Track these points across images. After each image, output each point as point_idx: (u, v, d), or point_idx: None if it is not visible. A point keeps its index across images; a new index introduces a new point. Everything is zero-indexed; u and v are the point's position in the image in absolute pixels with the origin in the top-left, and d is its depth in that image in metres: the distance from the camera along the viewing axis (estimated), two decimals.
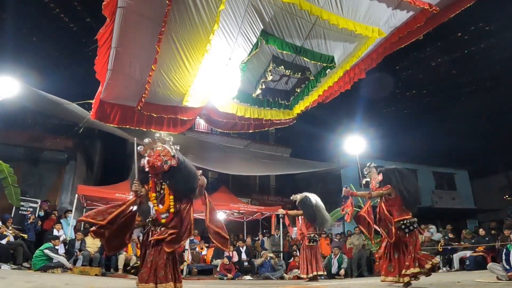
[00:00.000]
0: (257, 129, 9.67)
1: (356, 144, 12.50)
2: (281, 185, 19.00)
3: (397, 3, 5.96)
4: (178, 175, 3.47)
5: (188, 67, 6.47)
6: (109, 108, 7.19)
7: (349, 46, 6.93)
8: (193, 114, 8.20)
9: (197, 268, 10.04)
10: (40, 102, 9.04)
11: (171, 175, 3.45)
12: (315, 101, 8.67)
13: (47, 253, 7.41)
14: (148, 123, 7.75)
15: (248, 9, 5.73)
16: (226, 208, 12.34)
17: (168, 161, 3.44)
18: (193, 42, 6.02)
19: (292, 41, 6.50)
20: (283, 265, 10.25)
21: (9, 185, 9.00)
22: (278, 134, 19.49)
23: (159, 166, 3.37)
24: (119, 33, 5.64)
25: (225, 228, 3.91)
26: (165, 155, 3.45)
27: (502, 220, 11.62)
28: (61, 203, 12.14)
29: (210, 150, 13.50)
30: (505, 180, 20.88)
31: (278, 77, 7.75)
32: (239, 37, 6.26)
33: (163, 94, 7.20)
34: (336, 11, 5.83)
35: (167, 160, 3.43)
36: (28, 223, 8.83)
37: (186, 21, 5.65)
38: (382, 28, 6.42)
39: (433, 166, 20.14)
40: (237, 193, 15.17)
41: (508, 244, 5.89)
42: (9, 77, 8.02)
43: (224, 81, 7.28)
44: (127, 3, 5.20)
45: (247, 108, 8.28)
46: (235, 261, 10.17)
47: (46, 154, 12.35)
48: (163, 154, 3.43)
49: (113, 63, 6.13)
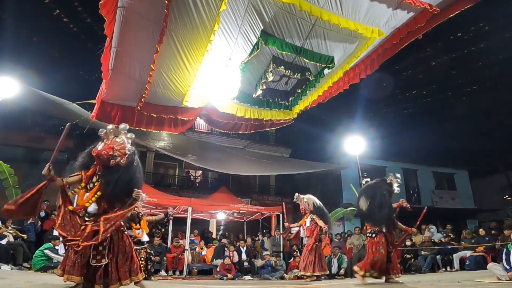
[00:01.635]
0: (257, 130, 9.67)
1: (356, 144, 12.51)
2: (281, 185, 19.00)
3: (398, 4, 5.95)
4: (118, 175, 3.18)
5: (188, 68, 6.48)
6: (110, 108, 7.20)
7: (349, 46, 6.92)
8: (193, 114, 8.21)
9: (197, 268, 10.04)
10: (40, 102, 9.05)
11: (111, 172, 3.19)
12: (315, 101, 8.68)
13: (47, 253, 7.41)
14: (148, 124, 7.76)
15: (248, 9, 5.72)
16: (226, 208, 12.34)
17: (118, 157, 3.18)
18: (193, 42, 6.02)
19: (292, 41, 6.49)
20: (283, 265, 10.25)
21: (10, 186, 9.01)
22: (278, 134, 19.49)
23: (104, 158, 3.13)
24: (119, 33, 5.64)
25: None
26: (119, 149, 3.19)
27: (502, 220, 11.64)
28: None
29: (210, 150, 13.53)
30: (505, 180, 20.87)
31: (278, 77, 7.75)
32: (239, 37, 6.26)
33: (163, 94, 7.20)
34: (336, 12, 5.82)
35: (116, 156, 3.17)
36: (28, 224, 8.83)
37: (186, 21, 5.65)
38: (382, 28, 6.42)
39: (433, 166, 20.14)
40: (237, 193, 15.19)
41: (509, 244, 5.89)
42: (9, 78, 8.03)
43: (224, 82, 7.28)
44: (127, 3, 5.20)
45: (247, 109, 8.28)
46: (235, 261, 10.17)
47: (46, 155, 12.35)
48: (117, 149, 3.18)
49: (113, 63, 6.14)
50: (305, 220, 7.92)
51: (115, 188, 3.17)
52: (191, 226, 10.36)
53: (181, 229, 11.66)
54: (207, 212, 12.62)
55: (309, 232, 7.74)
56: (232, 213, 13.04)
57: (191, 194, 14.85)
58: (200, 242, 11.39)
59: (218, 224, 15.89)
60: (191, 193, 15.39)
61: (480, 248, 9.60)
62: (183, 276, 9.22)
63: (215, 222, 15.41)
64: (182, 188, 16.17)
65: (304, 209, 7.91)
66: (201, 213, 12.57)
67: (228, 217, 13.65)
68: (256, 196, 17.69)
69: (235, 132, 10.21)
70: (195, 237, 11.72)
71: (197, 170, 17.50)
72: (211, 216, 13.63)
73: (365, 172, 17.43)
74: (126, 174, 3.22)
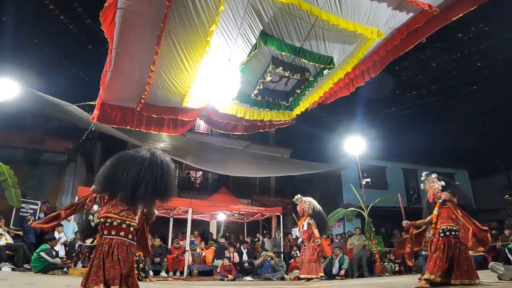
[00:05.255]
0: (257, 130, 9.67)
1: (356, 145, 12.50)
2: (281, 186, 18.99)
3: (398, 4, 5.95)
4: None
5: (188, 68, 6.47)
6: (110, 109, 7.20)
7: (348, 47, 6.92)
8: (193, 115, 8.21)
9: (197, 269, 10.04)
10: (40, 104, 9.05)
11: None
12: (316, 102, 8.68)
13: (42, 256, 7.40)
14: (148, 125, 7.76)
15: (248, 10, 5.72)
16: (226, 209, 12.34)
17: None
18: (192, 43, 6.02)
19: (291, 42, 6.49)
20: (283, 265, 10.25)
21: (9, 187, 9.01)
22: (278, 135, 19.49)
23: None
24: (119, 34, 5.65)
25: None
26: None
27: (503, 220, 11.63)
28: (61, 204, 12.12)
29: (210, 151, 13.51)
30: (505, 180, 20.86)
31: (277, 78, 7.75)
32: (239, 38, 6.25)
33: (163, 95, 7.20)
34: (336, 12, 5.82)
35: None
36: (28, 225, 8.82)
37: (185, 22, 5.66)
38: (382, 29, 6.41)
39: (433, 166, 20.07)
40: (237, 194, 15.18)
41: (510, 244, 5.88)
42: (9, 79, 8.03)
43: (224, 82, 7.28)
44: (126, 4, 5.20)
45: (247, 109, 8.28)
46: (236, 262, 10.17)
47: (46, 156, 12.34)
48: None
49: (113, 64, 6.14)
50: (302, 223, 7.92)
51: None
52: (191, 227, 10.35)
53: (181, 230, 11.66)
54: (207, 213, 12.61)
55: (307, 235, 7.76)
56: (232, 214, 13.04)
57: (191, 195, 14.84)
58: (201, 243, 11.39)
59: (218, 225, 15.88)
60: (191, 194, 15.37)
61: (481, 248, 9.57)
62: (184, 277, 9.21)
63: (216, 223, 15.40)
64: (183, 189, 16.15)
65: (302, 210, 7.91)
66: (202, 214, 12.56)
67: (228, 218, 13.64)
68: (256, 197, 17.67)
69: (235, 133, 10.21)
70: (196, 238, 11.72)
71: (197, 171, 17.49)
72: (211, 217, 13.62)
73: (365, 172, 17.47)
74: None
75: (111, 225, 2.95)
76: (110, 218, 2.96)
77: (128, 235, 2.99)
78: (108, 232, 2.93)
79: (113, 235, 2.92)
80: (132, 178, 2.96)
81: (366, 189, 12.86)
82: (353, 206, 12.94)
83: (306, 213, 7.85)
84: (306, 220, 7.85)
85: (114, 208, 3.01)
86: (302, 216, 7.95)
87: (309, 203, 7.93)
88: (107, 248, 2.87)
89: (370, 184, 18.04)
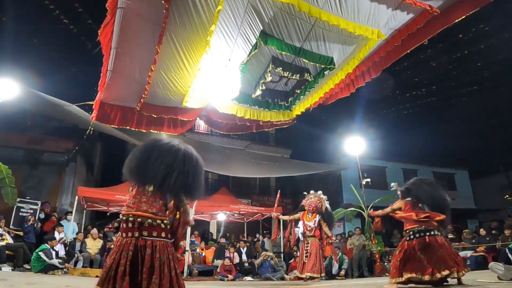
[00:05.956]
0: (257, 130, 9.68)
1: (356, 145, 12.50)
2: (281, 186, 18.97)
3: (398, 4, 5.95)
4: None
5: (188, 68, 6.48)
6: (109, 109, 7.20)
7: (349, 47, 6.92)
8: (193, 115, 8.21)
9: (197, 269, 10.03)
10: (40, 104, 9.05)
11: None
12: (316, 102, 8.68)
13: (41, 256, 7.40)
14: (148, 124, 7.76)
15: (248, 10, 5.72)
16: (226, 209, 12.33)
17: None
18: (192, 42, 6.02)
19: (292, 42, 6.49)
20: (283, 265, 10.25)
21: (6, 185, 9.10)
22: (278, 135, 19.50)
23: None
24: (119, 34, 5.65)
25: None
26: None
27: (503, 220, 11.63)
28: (61, 205, 12.13)
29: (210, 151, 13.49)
30: (505, 180, 20.88)
31: (277, 78, 7.75)
32: (239, 38, 6.25)
33: (163, 95, 7.21)
34: (336, 12, 5.81)
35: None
36: (28, 225, 8.82)
37: (185, 22, 5.66)
38: (382, 30, 6.41)
39: (433, 166, 20.14)
40: (238, 194, 15.17)
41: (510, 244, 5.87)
42: (9, 79, 8.03)
43: (224, 82, 7.28)
44: (126, 4, 5.21)
45: (247, 109, 8.28)
46: (236, 262, 10.16)
47: (46, 156, 12.34)
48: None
49: (113, 63, 6.15)
50: (312, 218, 7.75)
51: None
52: (191, 227, 10.33)
53: None
54: (207, 213, 12.61)
55: (317, 232, 7.67)
56: (232, 214, 13.04)
57: None
58: (201, 243, 11.38)
59: (218, 225, 15.88)
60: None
61: (481, 248, 9.59)
62: (184, 277, 9.21)
63: (216, 223, 15.39)
64: None
65: (315, 207, 7.76)
66: (202, 214, 12.56)
67: (228, 218, 13.64)
68: (256, 197, 17.68)
69: (235, 133, 10.21)
70: (196, 238, 11.72)
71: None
72: (211, 217, 13.62)
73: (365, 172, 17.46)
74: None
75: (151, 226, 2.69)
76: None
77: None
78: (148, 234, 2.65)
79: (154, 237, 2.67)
80: (166, 166, 2.73)
81: (366, 189, 12.86)
82: (353, 206, 12.94)
83: (318, 210, 7.74)
84: (316, 216, 7.73)
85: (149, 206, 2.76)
86: (313, 212, 7.79)
87: (325, 201, 7.89)
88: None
89: (370, 184, 18.06)
